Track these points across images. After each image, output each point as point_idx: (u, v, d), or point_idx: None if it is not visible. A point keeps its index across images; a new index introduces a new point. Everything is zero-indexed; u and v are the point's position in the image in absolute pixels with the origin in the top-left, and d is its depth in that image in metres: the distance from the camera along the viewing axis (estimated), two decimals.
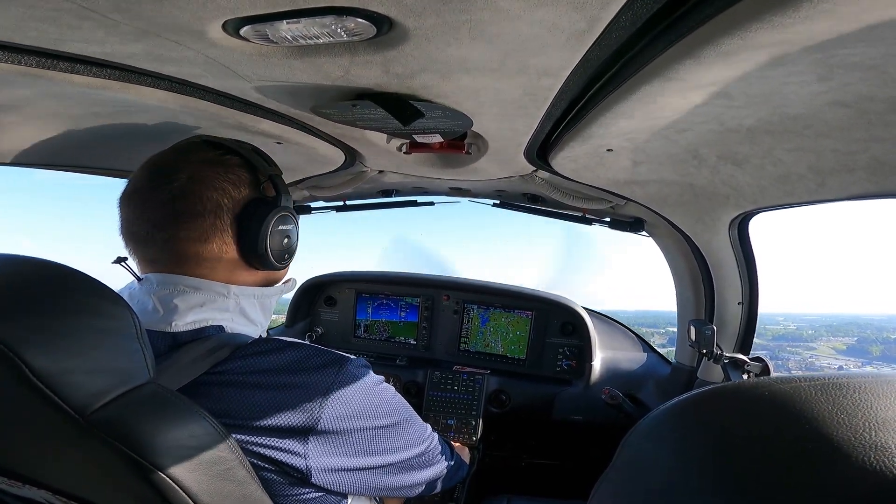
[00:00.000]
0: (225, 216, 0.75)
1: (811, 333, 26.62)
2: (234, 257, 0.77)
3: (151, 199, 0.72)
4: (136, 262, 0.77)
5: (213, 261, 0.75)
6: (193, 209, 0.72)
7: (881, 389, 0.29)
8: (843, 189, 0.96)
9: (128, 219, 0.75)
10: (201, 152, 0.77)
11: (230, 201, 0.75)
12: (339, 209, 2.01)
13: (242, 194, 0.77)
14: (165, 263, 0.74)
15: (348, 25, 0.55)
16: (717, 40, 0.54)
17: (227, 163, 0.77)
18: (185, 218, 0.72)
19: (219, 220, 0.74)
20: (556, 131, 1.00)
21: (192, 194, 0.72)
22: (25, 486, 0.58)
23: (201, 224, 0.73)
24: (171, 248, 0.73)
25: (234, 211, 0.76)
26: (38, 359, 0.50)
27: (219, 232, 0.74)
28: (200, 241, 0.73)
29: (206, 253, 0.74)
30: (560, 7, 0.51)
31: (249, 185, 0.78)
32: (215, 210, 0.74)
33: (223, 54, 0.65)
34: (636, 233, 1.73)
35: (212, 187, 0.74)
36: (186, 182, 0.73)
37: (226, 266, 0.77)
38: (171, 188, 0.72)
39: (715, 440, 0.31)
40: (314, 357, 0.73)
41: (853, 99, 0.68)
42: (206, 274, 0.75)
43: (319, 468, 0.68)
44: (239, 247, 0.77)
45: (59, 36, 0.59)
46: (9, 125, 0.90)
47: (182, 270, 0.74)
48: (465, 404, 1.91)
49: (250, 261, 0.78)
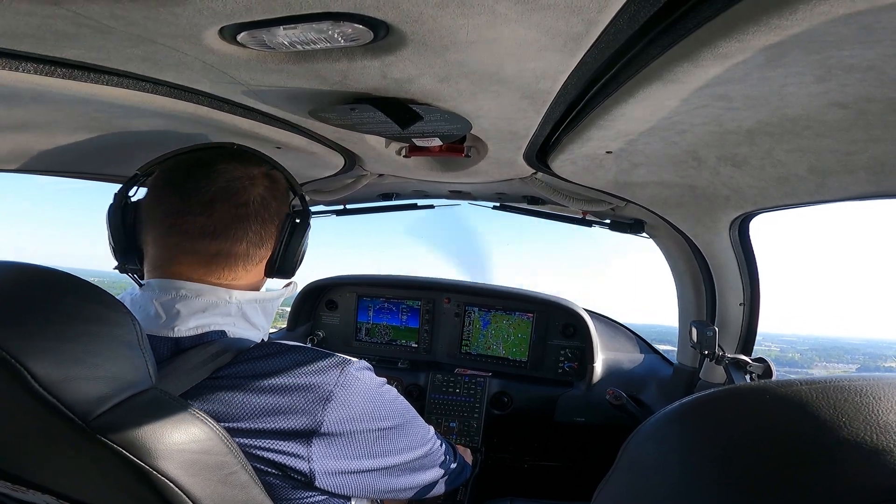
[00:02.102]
0: (271, 227, 0.81)
1: (798, 358, 25.38)
2: (261, 265, 0.82)
3: (222, 205, 0.75)
4: (155, 255, 0.77)
5: (254, 263, 0.80)
6: (258, 216, 0.78)
7: (882, 393, 0.29)
8: (842, 189, 0.96)
9: (177, 212, 0.75)
10: (259, 166, 0.81)
11: (276, 215, 0.82)
12: (339, 213, 2.01)
13: (283, 210, 0.84)
14: (199, 264, 0.75)
15: (345, 31, 0.55)
16: (715, 42, 0.54)
17: (275, 178, 0.83)
18: (249, 223, 0.77)
19: (264, 230, 0.80)
20: (555, 134, 1.00)
21: (256, 203, 0.78)
22: (30, 491, 0.58)
23: (260, 230, 0.79)
24: (230, 248, 0.76)
25: (276, 223, 0.82)
26: (41, 366, 0.50)
27: (268, 239, 0.81)
28: (254, 246, 0.79)
29: (254, 255, 0.79)
30: (557, 11, 0.51)
31: (286, 201, 0.85)
32: (273, 218, 0.81)
33: (220, 60, 0.66)
34: (636, 234, 1.73)
35: (273, 198, 0.81)
36: (253, 191, 0.78)
37: (253, 273, 0.81)
38: (235, 193, 0.76)
39: (716, 444, 0.31)
40: (316, 360, 0.73)
41: (852, 100, 0.68)
42: (211, 280, 0.75)
43: (323, 471, 0.68)
44: (273, 256, 0.82)
45: (56, 43, 0.59)
46: (7, 132, 0.90)
47: (203, 273, 0.75)
48: (467, 407, 1.91)
49: (275, 270, 0.83)
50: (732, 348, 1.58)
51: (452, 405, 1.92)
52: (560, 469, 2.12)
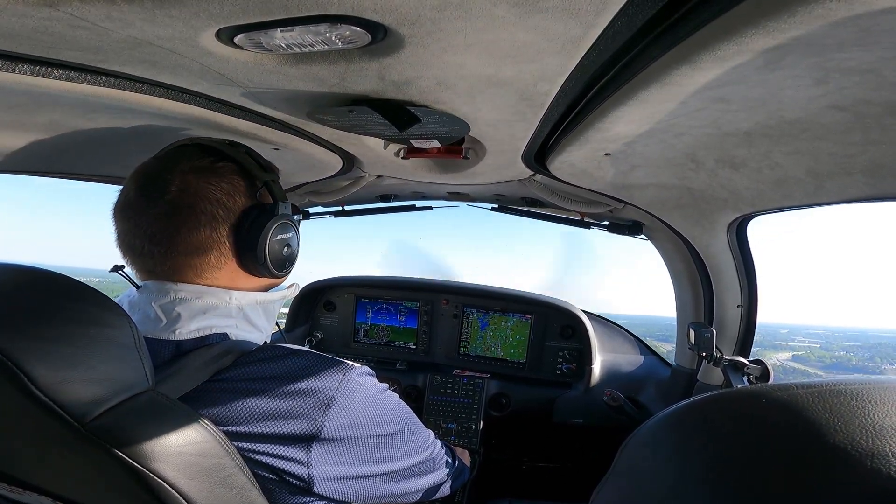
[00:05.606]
0: (221, 227, 0.73)
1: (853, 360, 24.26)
2: (234, 266, 0.77)
3: (145, 213, 0.71)
4: (135, 272, 0.77)
5: (213, 270, 0.74)
6: (188, 222, 0.71)
7: (878, 396, 0.28)
8: (840, 192, 0.96)
9: (123, 231, 0.74)
10: (192, 160, 0.74)
11: (225, 212, 0.73)
12: (337, 214, 2.01)
13: (238, 203, 0.75)
14: (164, 274, 0.73)
15: (343, 33, 0.55)
16: (713, 45, 0.54)
17: (219, 171, 0.75)
18: (181, 231, 0.71)
19: (215, 233, 0.73)
20: (553, 136, 1.00)
21: (186, 207, 0.71)
22: (26, 493, 0.58)
23: (197, 237, 0.72)
24: (169, 261, 0.72)
25: (230, 221, 0.74)
26: (38, 368, 0.50)
27: (216, 244, 0.73)
28: (198, 254, 0.72)
29: (205, 264, 0.73)
30: (555, 13, 0.51)
31: (245, 193, 0.76)
32: (210, 222, 0.72)
33: (218, 62, 0.65)
34: (634, 236, 1.73)
35: (205, 199, 0.72)
36: (178, 195, 0.71)
37: (226, 274, 0.76)
38: (163, 201, 0.70)
39: (712, 448, 0.30)
40: (318, 365, 0.72)
41: (850, 102, 0.68)
42: (208, 282, 0.75)
43: (322, 476, 0.68)
44: (238, 257, 0.76)
45: (53, 44, 0.59)
46: (4, 133, 0.90)
47: (182, 279, 0.73)
48: (465, 408, 1.90)
49: (250, 269, 0.78)
50: (730, 350, 1.58)
51: (451, 406, 1.91)
52: (558, 470, 2.12)
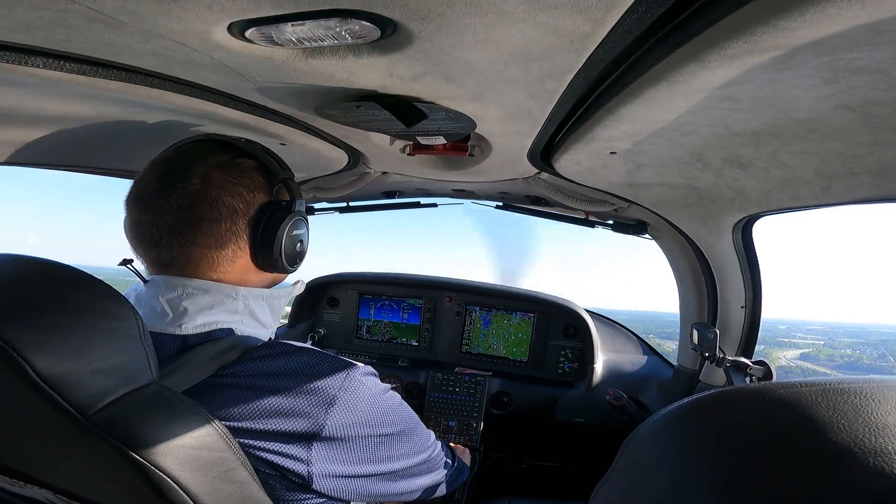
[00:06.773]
0: (240, 221, 0.75)
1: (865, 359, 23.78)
2: (247, 261, 0.78)
3: (165, 203, 0.71)
4: (145, 264, 0.77)
5: (228, 263, 0.75)
6: (209, 215, 0.72)
7: (882, 394, 0.28)
8: (848, 193, 0.95)
9: (139, 221, 0.74)
10: (214, 155, 0.76)
11: (245, 206, 0.75)
12: (342, 210, 2.02)
13: (256, 199, 0.77)
14: (178, 266, 0.74)
15: (353, 28, 0.56)
16: (723, 44, 0.54)
17: (240, 166, 0.76)
18: (202, 223, 0.72)
19: (235, 226, 0.74)
20: (559, 134, 1.00)
21: (209, 200, 0.72)
22: (27, 486, 0.58)
23: (217, 229, 0.73)
24: (185, 253, 0.73)
25: (249, 215, 0.76)
26: (41, 359, 0.50)
27: (234, 237, 0.75)
28: (216, 247, 0.74)
29: (221, 257, 0.74)
30: (564, 10, 0.51)
31: (263, 189, 0.78)
32: (231, 216, 0.74)
33: (229, 56, 0.66)
34: (639, 235, 1.73)
35: (227, 192, 0.74)
36: (202, 187, 0.72)
37: (238, 268, 0.77)
38: (185, 193, 0.71)
39: (715, 445, 0.30)
40: (322, 363, 0.73)
41: (859, 102, 0.68)
42: (218, 276, 0.75)
43: (321, 474, 0.68)
44: (253, 252, 0.77)
45: (67, 37, 0.60)
46: (17, 126, 0.91)
47: (193, 273, 0.74)
48: (466, 406, 1.91)
49: (262, 265, 0.79)
50: (733, 351, 1.58)
51: (452, 404, 1.92)
52: (559, 469, 2.12)
